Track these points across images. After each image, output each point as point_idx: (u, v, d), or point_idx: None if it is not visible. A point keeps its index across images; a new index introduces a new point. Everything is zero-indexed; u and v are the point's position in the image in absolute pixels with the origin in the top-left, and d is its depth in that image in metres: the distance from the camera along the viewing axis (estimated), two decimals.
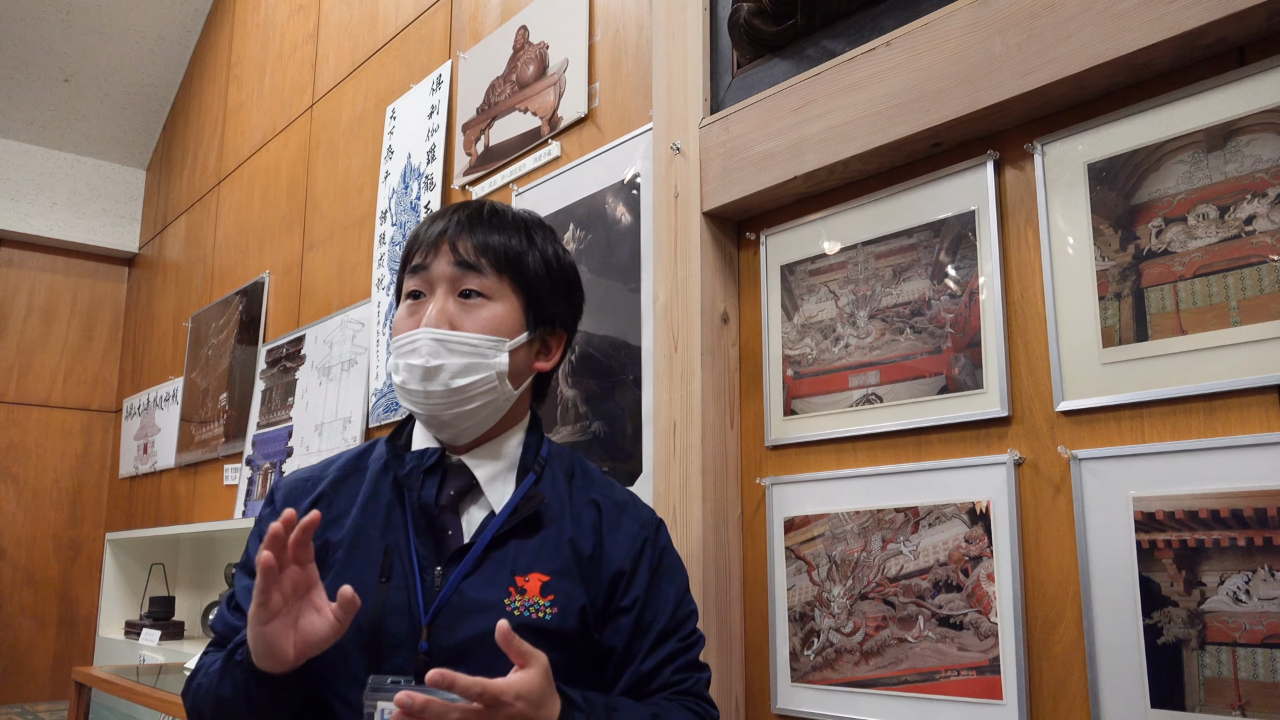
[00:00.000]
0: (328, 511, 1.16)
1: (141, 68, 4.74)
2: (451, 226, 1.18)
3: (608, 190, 2.04)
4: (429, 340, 1.14)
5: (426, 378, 1.13)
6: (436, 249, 1.18)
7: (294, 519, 0.96)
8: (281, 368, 3.30)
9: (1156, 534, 1.17)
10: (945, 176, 1.46)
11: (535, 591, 1.11)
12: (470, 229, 1.18)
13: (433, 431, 1.21)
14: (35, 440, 4.81)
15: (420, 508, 1.13)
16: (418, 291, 1.19)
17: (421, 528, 1.13)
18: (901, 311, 1.49)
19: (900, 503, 1.44)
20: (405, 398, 1.18)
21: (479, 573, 1.11)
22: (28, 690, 4.57)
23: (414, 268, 1.19)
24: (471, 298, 1.17)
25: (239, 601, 1.16)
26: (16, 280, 4.89)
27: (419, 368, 1.13)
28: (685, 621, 1.21)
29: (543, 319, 1.22)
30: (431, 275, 1.17)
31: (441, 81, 2.69)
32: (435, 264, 1.17)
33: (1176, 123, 1.22)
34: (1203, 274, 1.18)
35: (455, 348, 1.14)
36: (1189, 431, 1.17)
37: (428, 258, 1.18)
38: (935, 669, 1.36)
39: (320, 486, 1.19)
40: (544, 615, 1.10)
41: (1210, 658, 1.11)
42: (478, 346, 1.14)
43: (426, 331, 1.14)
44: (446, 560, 1.11)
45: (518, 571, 1.12)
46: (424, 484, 1.16)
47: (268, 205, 3.69)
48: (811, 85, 1.57)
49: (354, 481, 1.20)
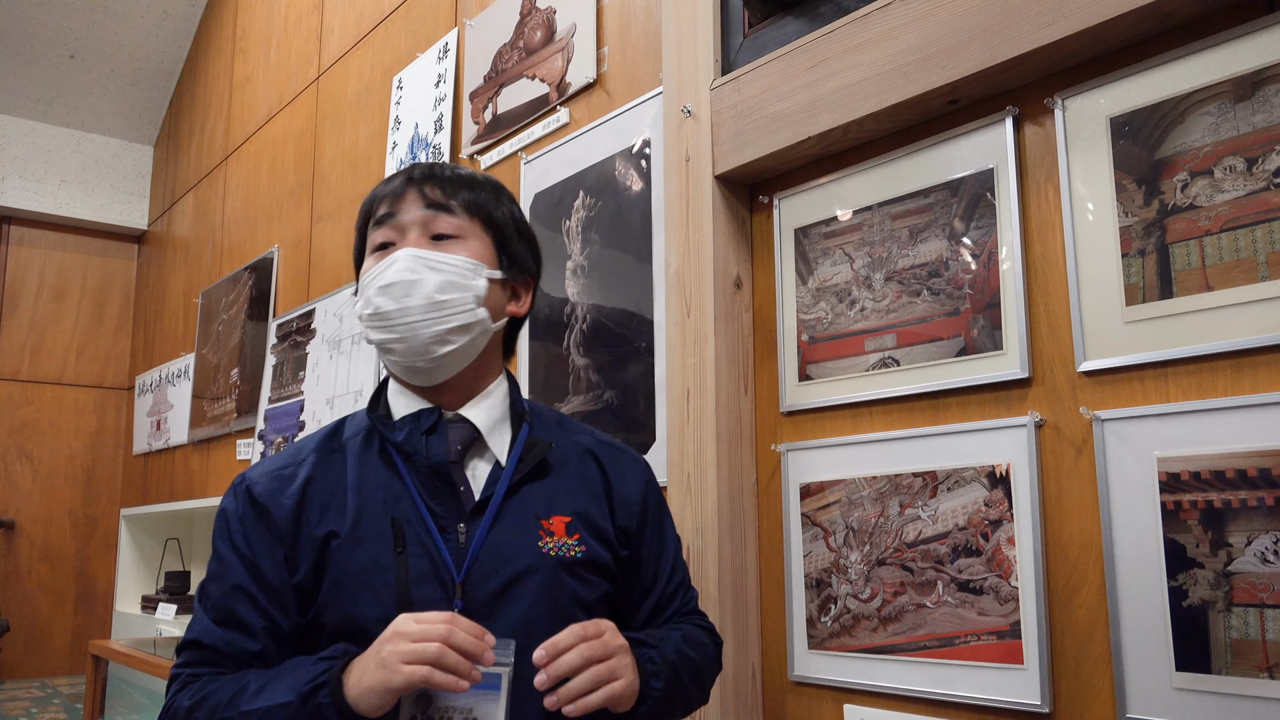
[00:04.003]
0: (317, 502, 1.10)
1: (147, 42, 4.71)
2: (417, 175, 1.16)
3: (617, 156, 2.01)
4: (409, 257, 1.10)
5: (407, 292, 1.09)
6: (403, 197, 1.15)
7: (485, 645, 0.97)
8: (292, 342, 3.29)
9: (1181, 495, 1.15)
10: (963, 134, 1.43)
11: (561, 532, 1.12)
12: (434, 178, 1.16)
13: (415, 381, 1.16)
14: (49, 418, 4.83)
15: (431, 468, 1.11)
16: (386, 242, 1.14)
17: (432, 489, 1.10)
18: (918, 273, 1.46)
19: (918, 467, 1.42)
20: (378, 327, 1.11)
21: (502, 522, 1.10)
22: (47, 665, 4.62)
23: (380, 218, 1.15)
24: (444, 240, 1.14)
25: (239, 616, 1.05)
26: (27, 259, 4.89)
27: (399, 284, 1.09)
28: (679, 549, 1.30)
29: (513, 262, 1.20)
30: (401, 221, 1.14)
31: (448, 50, 2.65)
32: (404, 210, 1.14)
33: (1202, 73, 1.19)
34: (1230, 228, 1.15)
35: (436, 265, 1.11)
36: (1215, 390, 1.15)
37: (395, 205, 1.15)
38: (955, 634, 1.35)
39: (303, 473, 1.12)
40: (574, 554, 1.12)
41: (1237, 619, 1.09)
42: (457, 266, 1.12)
43: (406, 250, 1.11)
44: (468, 515, 1.09)
45: (541, 515, 1.13)
46: (428, 444, 1.12)
47: (275, 179, 3.67)
48: (825, 43, 1.53)
49: (334, 463, 1.14)
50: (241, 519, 1.09)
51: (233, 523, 1.10)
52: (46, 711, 3.41)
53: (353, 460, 1.13)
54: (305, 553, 1.07)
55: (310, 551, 1.07)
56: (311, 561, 1.07)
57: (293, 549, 1.07)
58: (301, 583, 1.07)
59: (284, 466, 1.14)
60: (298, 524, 1.08)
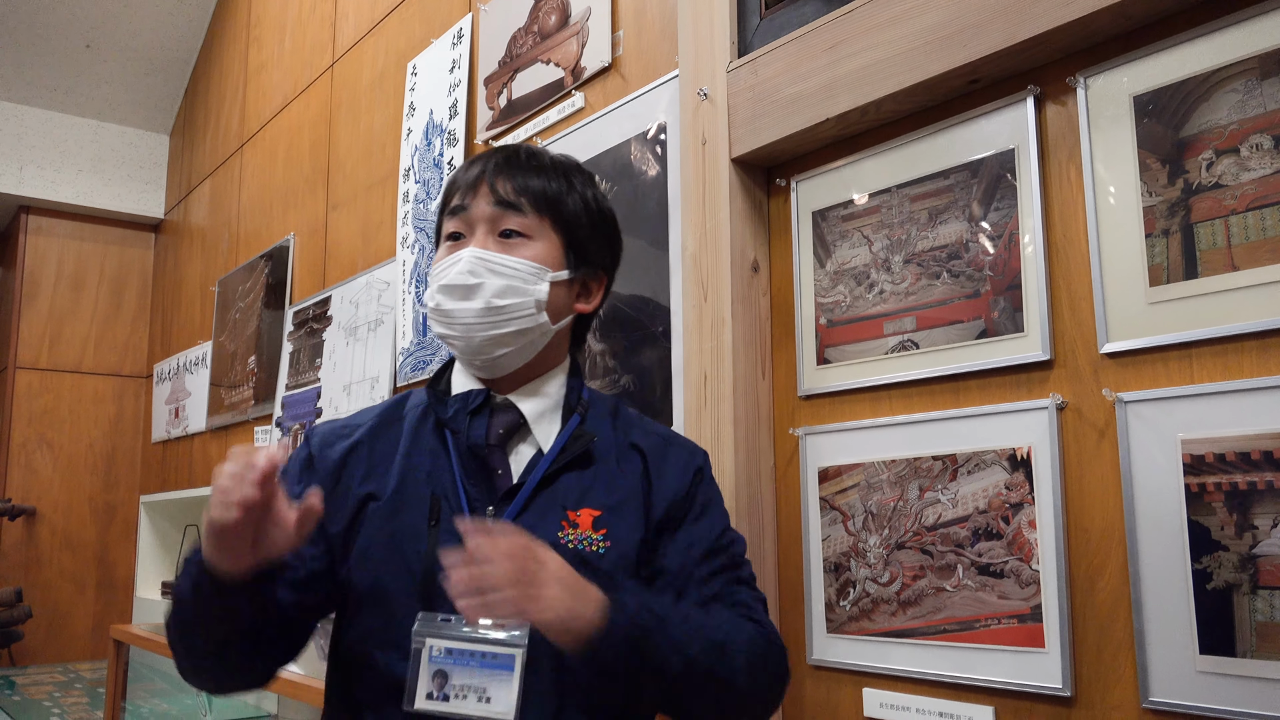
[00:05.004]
0: (364, 463, 1.16)
1: (162, 31, 4.72)
2: (490, 168, 1.18)
3: (633, 140, 2.00)
4: (471, 258, 1.13)
5: (465, 295, 1.12)
6: (475, 190, 1.17)
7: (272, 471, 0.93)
8: (308, 329, 3.30)
9: (1206, 477, 1.13)
10: (983, 114, 1.41)
11: (587, 526, 1.11)
12: (508, 170, 1.17)
13: (472, 370, 1.20)
14: (69, 406, 4.86)
15: (469, 448, 1.13)
16: (457, 233, 1.18)
17: (470, 469, 1.12)
18: (938, 255, 1.45)
19: (938, 450, 1.41)
20: (440, 322, 1.16)
21: (531, 510, 1.11)
22: (69, 650, 4.66)
23: (453, 209, 1.19)
24: (512, 237, 1.16)
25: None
26: (45, 248, 4.91)
27: (459, 286, 1.12)
28: (734, 544, 1.20)
29: (583, 259, 1.21)
30: (471, 216, 1.17)
31: (462, 35, 2.65)
32: (474, 205, 1.17)
33: (1228, 49, 1.17)
34: (1256, 207, 1.13)
35: (497, 268, 1.13)
36: (1240, 371, 1.13)
37: (466, 199, 1.17)
38: (975, 618, 1.34)
39: (356, 435, 1.19)
40: (597, 549, 1.10)
41: (1262, 602, 1.08)
42: (519, 271, 1.14)
43: (470, 250, 1.14)
44: (498, 499, 1.11)
45: (569, 507, 1.12)
46: (471, 424, 1.15)
47: (291, 167, 3.68)
48: (843, 23, 1.52)
49: (393, 432, 1.19)
50: (295, 460, 1.19)
51: (291, 463, 1.19)
52: (69, 695, 3.45)
53: (408, 430, 1.18)
54: (341, 506, 1.12)
55: (347, 507, 1.12)
56: (348, 517, 1.12)
57: (329, 499, 1.10)
58: (334, 536, 1.12)
59: (345, 425, 1.21)
60: (338, 478, 1.14)
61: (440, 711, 1.01)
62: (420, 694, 1.02)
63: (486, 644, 1.03)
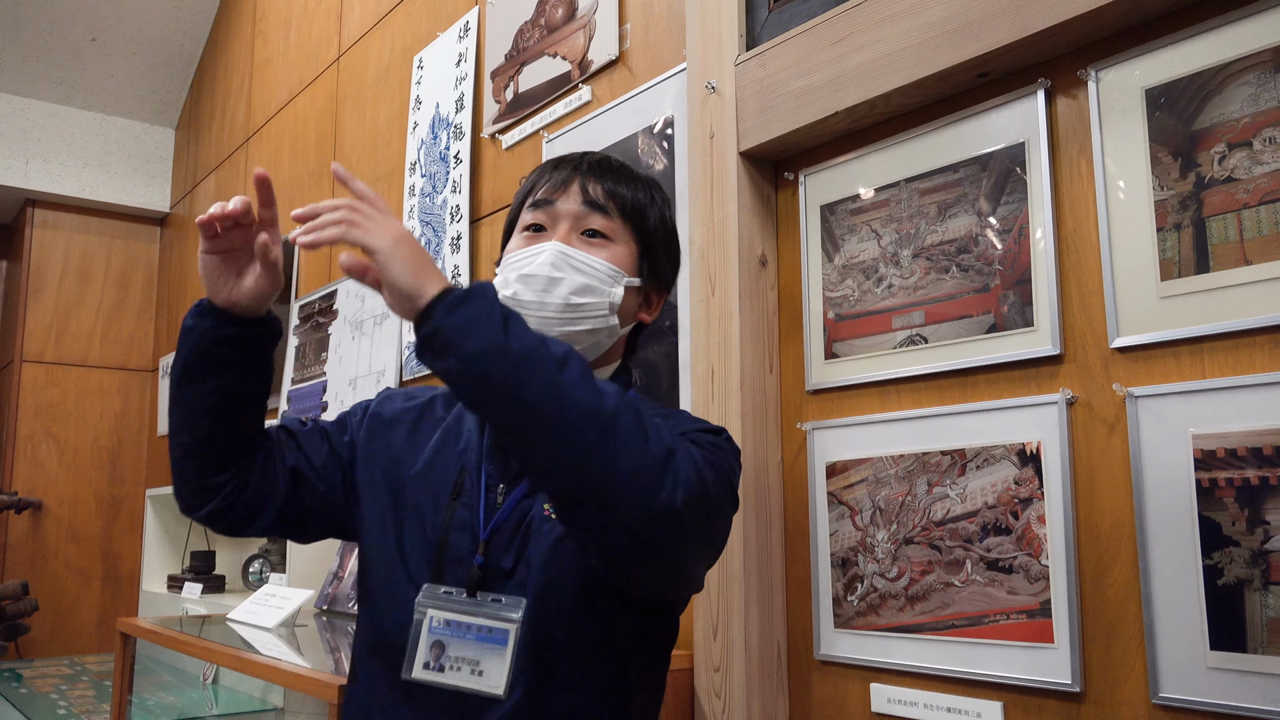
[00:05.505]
0: (408, 436, 1.19)
1: (167, 25, 4.72)
2: (584, 168, 1.19)
3: (640, 134, 2.00)
4: (555, 252, 1.13)
5: (546, 288, 1.12)
6: (566, 187, 1.17)
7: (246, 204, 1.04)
8: (314, 323, 3.30)
9: (1217, 472, 1.13)
10: (993, 108, 1.41)
11: None
12: (600, 173, 1.19)
13: None
14: (74, 400, 4.87)
15: None
16: (538, 225, 1.18)
17: (497, 451, 1.14)
18: (947, 249, 1.44)
19: (947, 445, 1.41)
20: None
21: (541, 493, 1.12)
22: (75, 643, 4.67)
23: (538, 201, 1.19)
24: (595, 237, 1.16)
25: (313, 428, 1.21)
26: (51, 241, 4.92)
27: (540, 277, 1.12)
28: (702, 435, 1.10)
29: (654, 271, 1.22)
30: (557, 210, 1.17)
31: (469, 28, 2.64)
32: (563, 200, 1.17)
33: (1241, 42, 1.16)
34: (1269, 201, 1.12)
35: (580, 266, 1.13)
36: (1253, 366, 1.13)
37: (555, 194, 1.18)
38: (983, 613, 1.34)
39: (416, 402, 1.24)
40: None
41: (1274, 598, 1.08)
42: (599, 270, 1.14)
43: (554, 244, 1.14)
44: (510, 477, 1.13)
45: None
46: None
47: (296, 160, 3.67)
48: (852, 16, 1.51)
49: (447, 410, 1.23)
50: (358, 406, 1.27)
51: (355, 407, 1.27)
52: (76, 688, 3.45)
53: (457, 411, 1.21)
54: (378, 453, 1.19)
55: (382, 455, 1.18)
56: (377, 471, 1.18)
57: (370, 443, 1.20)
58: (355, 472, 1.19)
59: (415, 394, 1.26)
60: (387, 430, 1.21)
61: (435, 682, 1.05)
62: (418, 663, 1.05)
63: (484, 618, 1.05)
